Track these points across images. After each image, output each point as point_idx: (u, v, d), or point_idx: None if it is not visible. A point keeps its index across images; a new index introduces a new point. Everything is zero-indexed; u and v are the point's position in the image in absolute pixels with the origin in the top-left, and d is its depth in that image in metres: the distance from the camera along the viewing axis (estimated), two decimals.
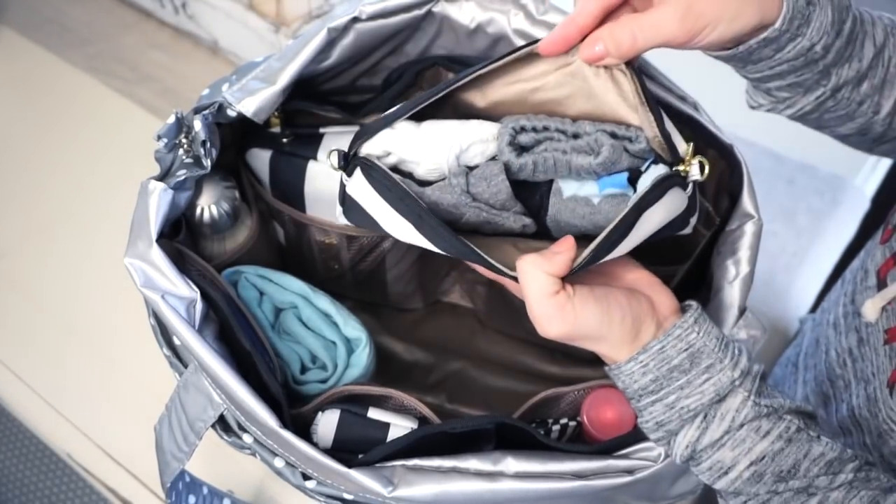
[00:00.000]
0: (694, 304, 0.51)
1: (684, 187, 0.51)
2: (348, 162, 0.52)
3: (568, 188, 0.54)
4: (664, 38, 0.49)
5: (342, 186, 0.54)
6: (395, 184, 0.50)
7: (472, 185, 0.52)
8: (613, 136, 0.51)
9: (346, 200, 0.54)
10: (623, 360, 0.49)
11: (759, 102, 0.58)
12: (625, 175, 0.53)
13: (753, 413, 0.48)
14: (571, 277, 0.48)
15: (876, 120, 0.56)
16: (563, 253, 0.47)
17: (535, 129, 0.53)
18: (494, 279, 0.53)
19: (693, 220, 0.55)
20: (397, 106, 0.54)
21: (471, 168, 0.53)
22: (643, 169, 0.53)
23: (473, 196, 0.52)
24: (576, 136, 0.53)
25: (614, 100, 0.52)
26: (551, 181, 0.54)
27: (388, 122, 0.53)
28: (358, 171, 0.51)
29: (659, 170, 0.51)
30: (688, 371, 0.48)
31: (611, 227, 0.49)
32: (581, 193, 0.53)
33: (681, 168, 0.50)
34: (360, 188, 0.52)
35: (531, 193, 0.49)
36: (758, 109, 0.59)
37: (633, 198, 0.50)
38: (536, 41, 0.52)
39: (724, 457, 0.48)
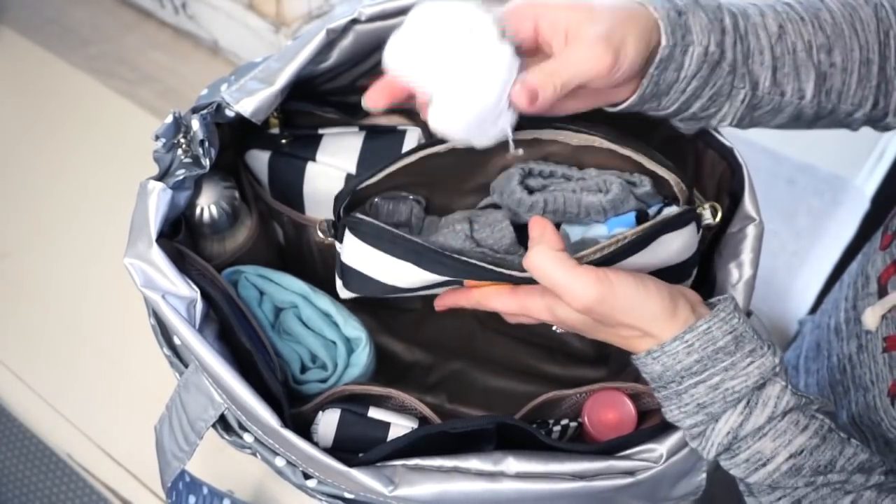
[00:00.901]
0: (730, 295, 0.51)
1: (698, 228, 0.53)
2: (337, 228, 0.54)
3: (574, 233, 0.55)
4: (589, 71, 0.49)
5: (339, 259, 0.56)
6: (383, 230, 0.52)
7: (476, 230, 0.53)
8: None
9: (344, 272, 0.56)
10: (668, 339, 0.48)
11: (693, 129, 0.57)
12: (633, 215, 0.55)
13: (794, 401, 0.48)
14: None
15: (804, 104, 0.56)
16: (545, 230, 0.49)
17: (542, 175, 0.55)
18: (479, 306, 0.54)
19: (693, 273, 0.58)
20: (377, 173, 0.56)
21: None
22: (652, 212, 0.55)
23: (478, 242, 0.52)
24: (582, 179, 0.55)
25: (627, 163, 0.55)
26: (557, 227, 0.54)
27: (361, 181, 0.56)
28: (347, 234, 0.53)
29: (674, 209, 0.53)
30: (733, 353, 0.48)
31: (629, 235, 0.50)
32: (589, 235, 0.54)
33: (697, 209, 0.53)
34: (353, 251, 0.53)
35: None
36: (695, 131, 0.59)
37: (657, 218, 0.51)
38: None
39: (764, 447, 0.48)
